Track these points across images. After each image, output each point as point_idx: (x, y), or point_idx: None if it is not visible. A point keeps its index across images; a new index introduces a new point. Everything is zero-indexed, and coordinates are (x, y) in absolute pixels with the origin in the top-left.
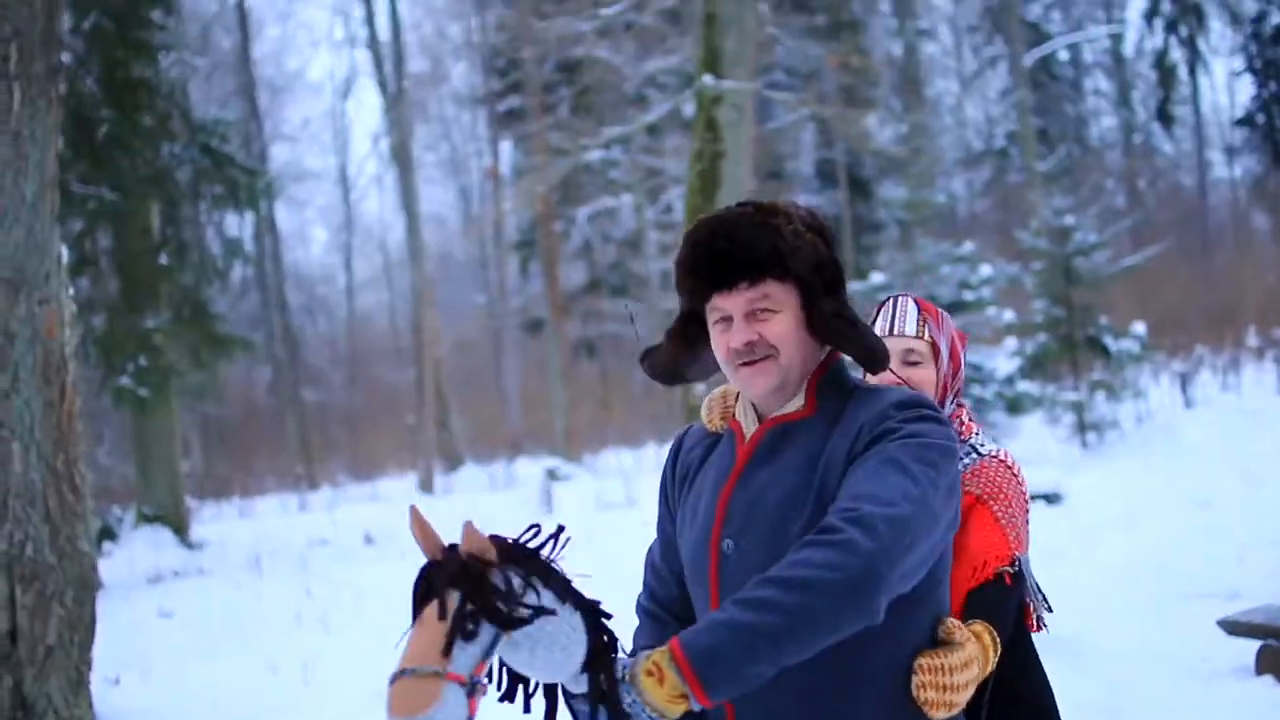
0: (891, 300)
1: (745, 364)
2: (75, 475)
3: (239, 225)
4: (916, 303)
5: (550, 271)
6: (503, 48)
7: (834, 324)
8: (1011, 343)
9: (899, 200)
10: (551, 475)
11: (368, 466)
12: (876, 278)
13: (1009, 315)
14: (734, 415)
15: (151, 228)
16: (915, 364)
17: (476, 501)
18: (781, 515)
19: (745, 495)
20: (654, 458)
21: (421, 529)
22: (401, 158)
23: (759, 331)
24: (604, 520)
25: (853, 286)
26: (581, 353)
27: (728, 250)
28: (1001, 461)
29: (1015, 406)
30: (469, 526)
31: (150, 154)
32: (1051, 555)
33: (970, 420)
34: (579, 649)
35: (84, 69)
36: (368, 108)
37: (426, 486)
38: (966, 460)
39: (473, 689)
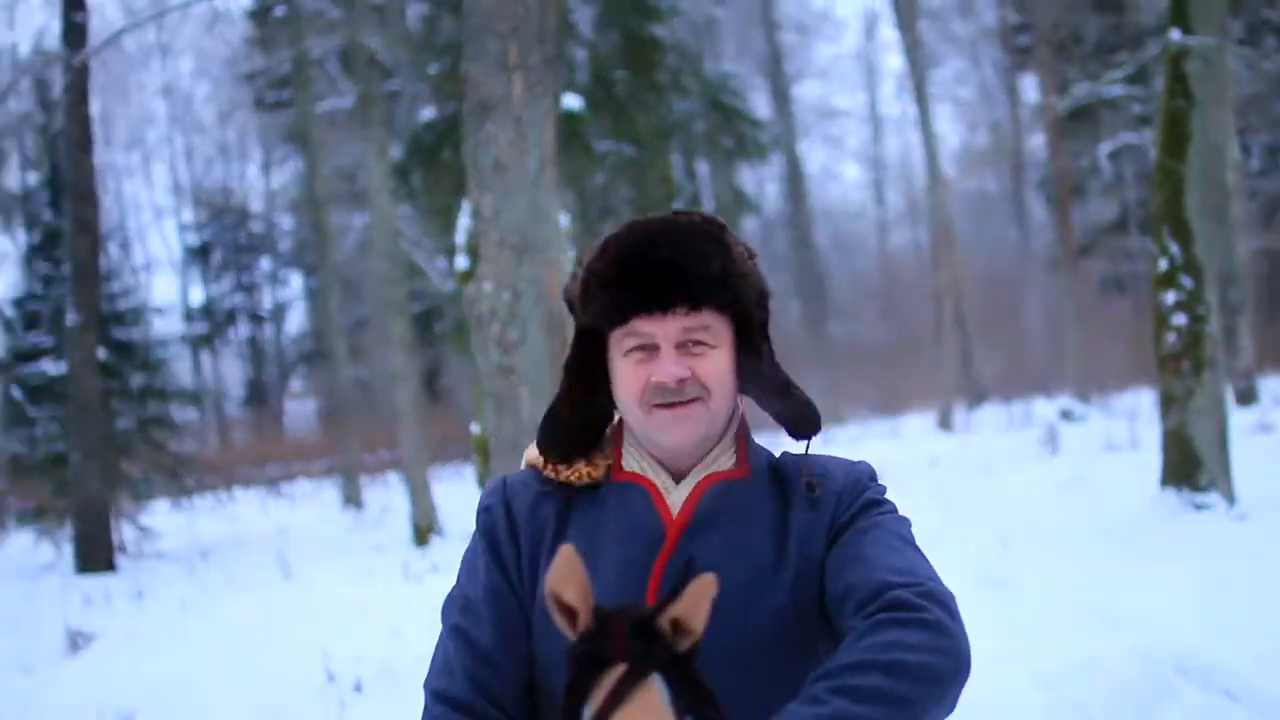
0: None
1: (667, 405)
2: None
3: (757, 172)
4: None
5: (1062, 209)
6: None
7: (776, 376)
8: None
9: None
10: (1065, 415)
11: (895, 403)
12: None
13: None
14: (619, 466)
15: (671, 179)
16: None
17: (989, 441)
18: (750, 594)
19: (689, 563)
20: None
21: (565, 578)
22: (919, 94)
23: (692, 368)
24: (1103, 463)
25: None
26: (1111, 289)
27: (670, 262)
28: None
29: None
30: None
31: (664, 110)
32: None
33: None
34: None
35: (602, 33)
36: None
37: (945, 424)
38: None
39: None
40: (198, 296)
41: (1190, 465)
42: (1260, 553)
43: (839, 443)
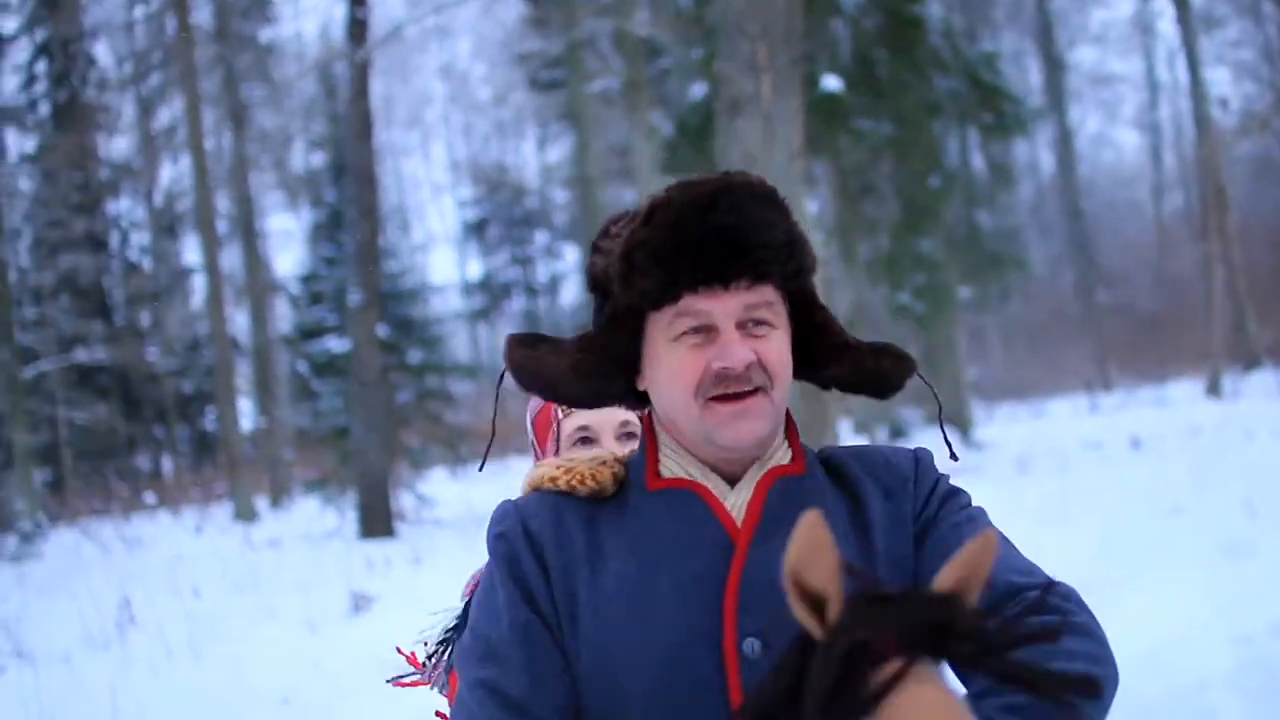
0: None
1: (727, 398)
2: (823, 394)
3: (1030, 141)
4: None
5: None
6: None
7: (845, 339)
8: None
9: None
10: None
11: (1164, 369)
12: None
13: None
14: (654, 471)
15: (935, 156)
16: (631, 435)
17: (1258, 409)
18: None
19: (765, 576)
20: None
21: (808, 559)
22: (1191, 56)
23: (758, 351)
24: None
25: None
26: None
27: (734, 228)
28: None
29: None
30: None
31: (925, 88)
32: None
33: None
34: None
35: (865, 14)
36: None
37: (1213, 391)
38: None
39: None
40: (475, 271)
41: None
42: None
43: (1103, 410)
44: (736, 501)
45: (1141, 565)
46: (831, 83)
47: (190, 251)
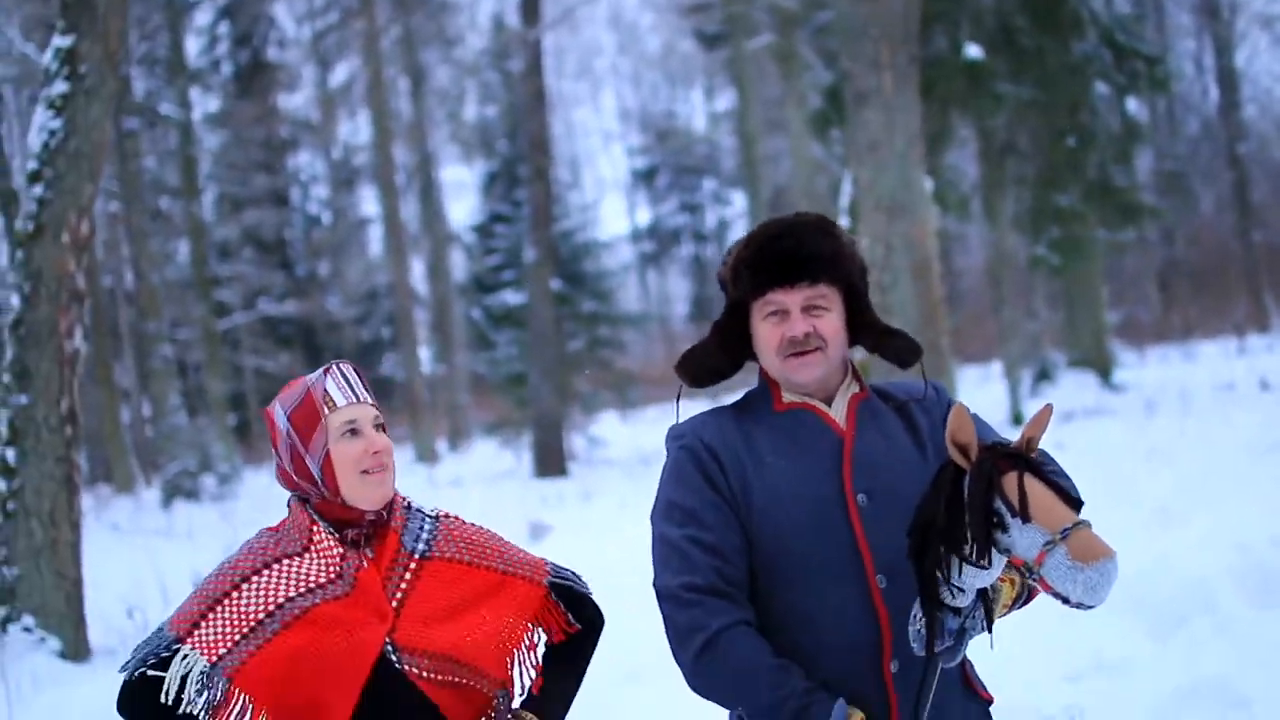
0: (335, 368)
1: (796, 354)
2: (941, 344)
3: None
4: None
5: None
6: None
7: (878, 327)
8: None
9: None
10: None
11: None
12: None
13: None
14: (779, 400)
15: (1080, 114)
16: (381, 426)
17: None
18: (910, 472)
19: (867, 454)
20: None
21: (963, 425)
22: None
23: (814, 325)
24: None
25: None
26: None
27: (795, 250)
28: (458, 518)
29: None
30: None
31: (1063, 52)
32: None
33: None
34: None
35: None
36: None
37: None
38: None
39: None
40: (644, 217)
41: None
42: None
43: (1252, 353)
44: (837, 414)
45: (1213, 498)
46: (973, 50)
47: (367, 203)
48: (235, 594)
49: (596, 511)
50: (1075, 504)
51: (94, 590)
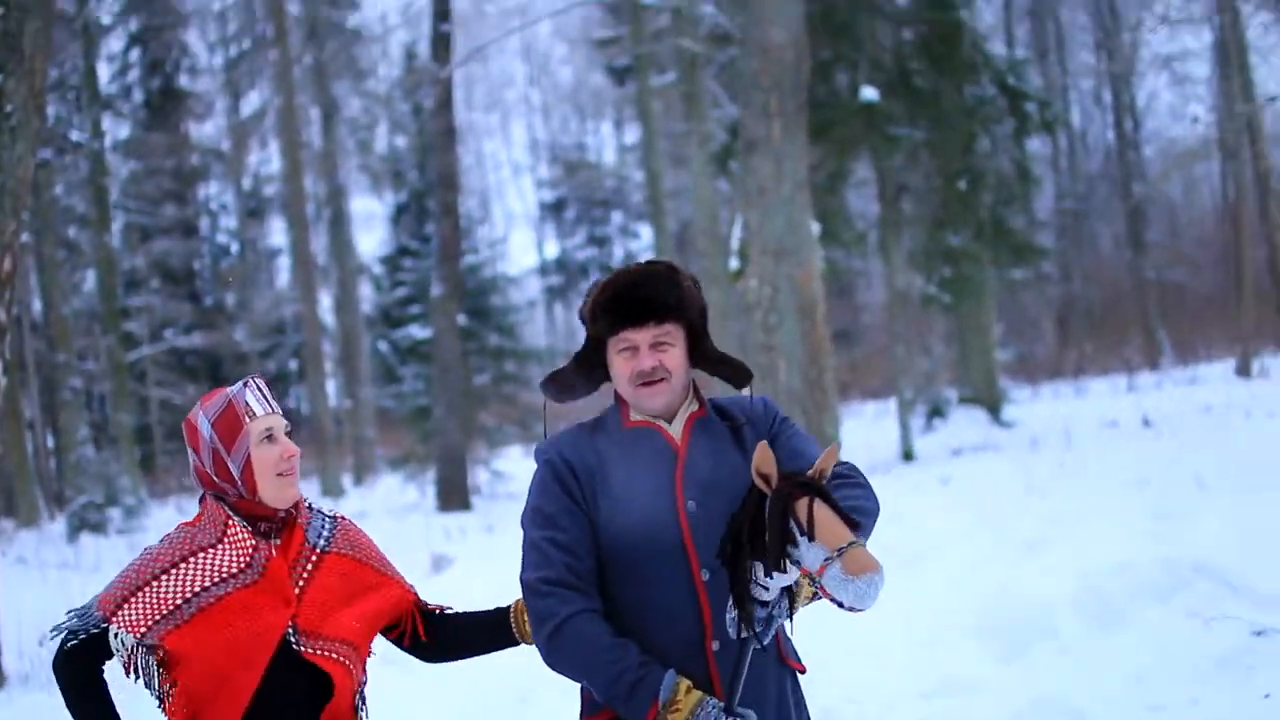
0: (253, 382)
1: (645, 384)
2: (824, 381)
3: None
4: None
5: None
6: None
7: (716, 358)
8: None
9: None
10: None
11: (1210, 349)
12: None
13: None
14: (629, 419)
15: (972, 156)
16: (290, 434)
17: (1263, 389)
18: (734, 480)
19: (696, 467)
20: None
21: (765, 459)
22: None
23: (660, 359)
24: None
25: None
26: None
27: (644, 296)
28: (350, 520)
29: None
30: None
31: (956, 95)
32: None
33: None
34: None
35: (902, 23)
36: None
37: (1244, 371)
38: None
39: None
40: (552, 250)
41: None
42: None
43: (1140, 389)
44: (675, 431)
45: (1076, 529)
46: (870, 93)
47: (276, 234)
48: (155, 583)
49: (498, 544)
50: (855, 526)
51: (4, 620)
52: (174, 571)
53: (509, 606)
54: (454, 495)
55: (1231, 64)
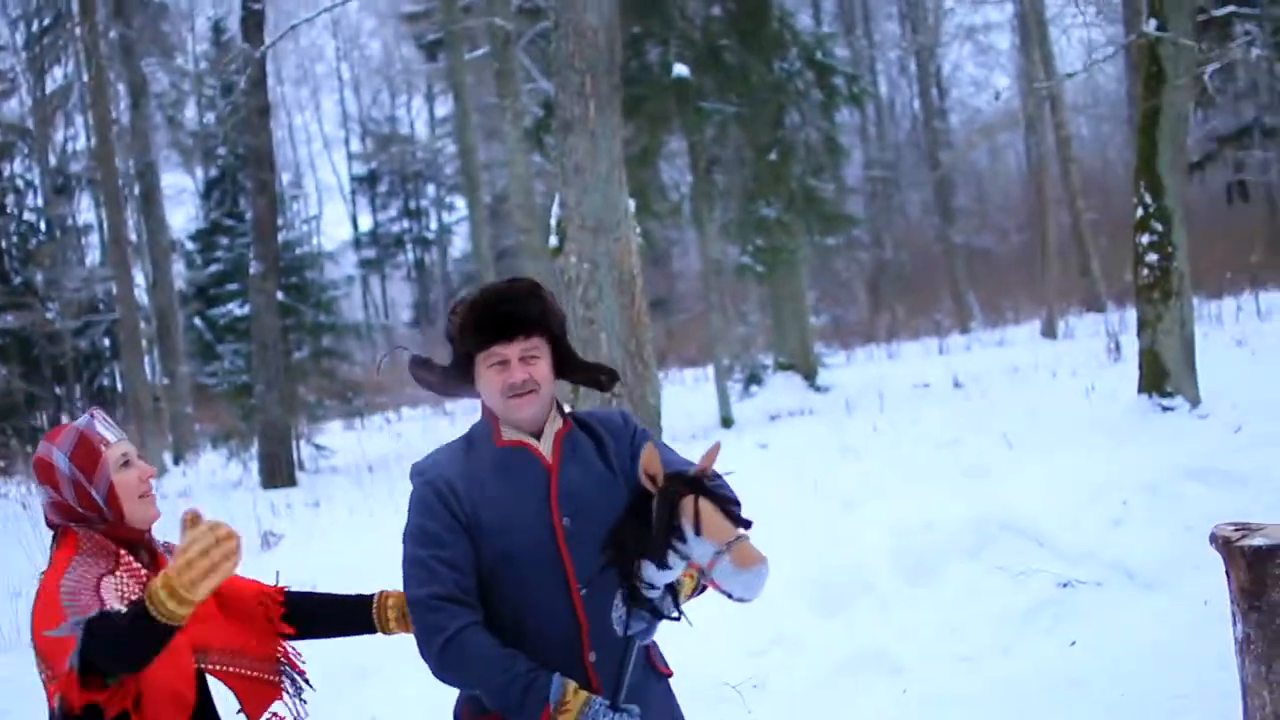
0: (96, 413)
1: (517, 395)
2: (644, 353)
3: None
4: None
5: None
6: None
7: (581, 367)
8: None
9: None
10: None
11: (1018, 311)
12: None
13: None
14: (500, 437)
15: (782, 129)
16: (129, 463)
17: (1075, 348)
18: (603, 494)
19: (569, 484)
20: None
21: (652, 460)
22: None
23: (530, 372)
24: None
25: None
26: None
27: (512, 312)
28: None
29: None
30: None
31: (765, 70)
32: None
33: None
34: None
35: (712, 2)
36: None
37: (1049, 332)
38: None
39: None
40: (366, 223)
41: (1160, 376)
42: (1183, 441)
43: (951, 352)
44: (545, 448)
45: (890, 489)
46: (681, 69)
47: (84, 212)
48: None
49: (326, 519)
50: (740, 521)
51: None
52: (108, 581)
53: (371, 595)
54: (278, 471)
55: (1031, 38)
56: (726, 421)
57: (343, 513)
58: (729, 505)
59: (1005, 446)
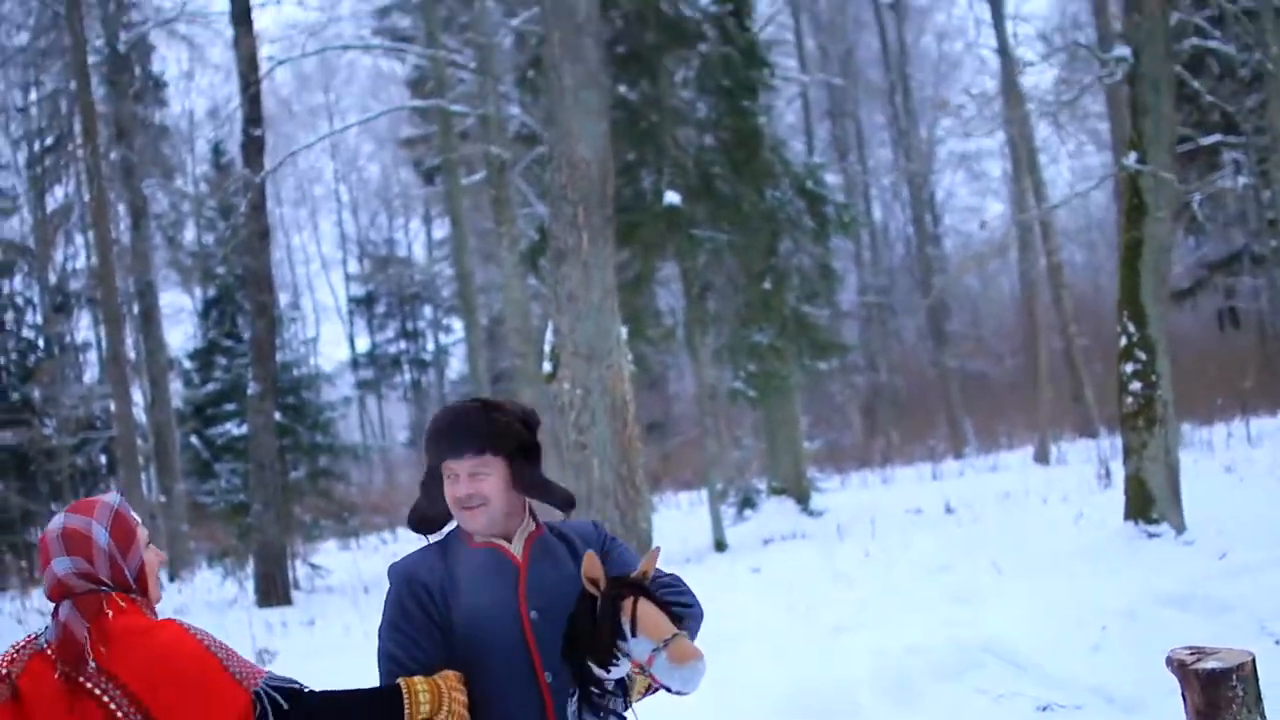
0: (121, 493)
1: (465, 508)
2: (636, 478)
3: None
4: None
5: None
6: None
7: (536, 485)
8: None
9: None
10: None
11: (1012, 437)
12: None
13: None
14: (472, 540)
15: (775, 256)
16: (149, 546)
17: (1072, 476)
18: (573, 592)
19: (538, 580)
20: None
21: (593, 565)
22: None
23: (476, 488)
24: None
25: None
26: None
27: (462, 430)
28: None
29: None
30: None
31: (757, 198)
32: None
33: None
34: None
35: (703, 129)
36: None
37: (1042, 458)
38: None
39: None
40: (363, 344)
41: (1145, 503)
42: (1166, 567)
43: (944, 477)
44: (516, 549)
45: (881, 614)
46: (673, 197)
47: (82, 329)
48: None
49: (321, 638)
50: (677, 620)
51: None
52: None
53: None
54: (274, 590)
55: (1021, 165)
56: (720, 545)
57: (338, 632)
58: (669, 606)
59: (994, 572)
